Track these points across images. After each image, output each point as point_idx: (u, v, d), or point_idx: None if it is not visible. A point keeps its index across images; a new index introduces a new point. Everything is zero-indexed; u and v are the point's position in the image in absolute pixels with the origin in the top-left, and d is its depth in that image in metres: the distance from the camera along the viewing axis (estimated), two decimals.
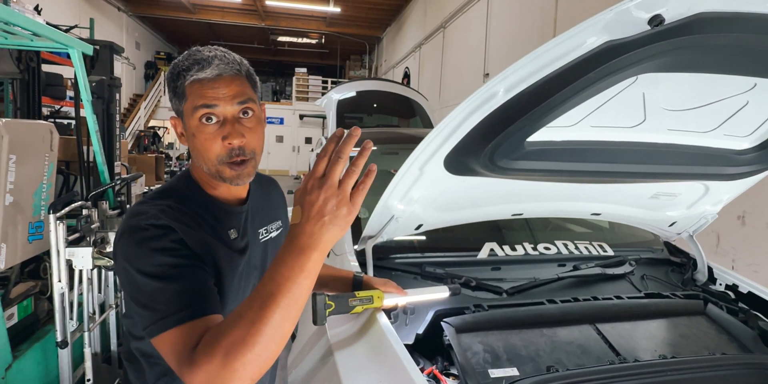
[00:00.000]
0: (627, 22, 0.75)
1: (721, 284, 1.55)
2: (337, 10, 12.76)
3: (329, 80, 16.02)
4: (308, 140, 15.75)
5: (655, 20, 0.72)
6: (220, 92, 0.74)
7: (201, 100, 0.74)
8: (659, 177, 1.23)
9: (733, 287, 1.50)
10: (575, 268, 1.49)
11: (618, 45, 0.77)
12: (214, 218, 0.82)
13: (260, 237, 0.92)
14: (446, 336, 1.11)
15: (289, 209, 1.15)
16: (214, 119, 0.75)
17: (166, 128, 13.31)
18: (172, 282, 0.69)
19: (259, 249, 0.92)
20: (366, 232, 1.35)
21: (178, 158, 11.57)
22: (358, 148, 0.60)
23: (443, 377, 1.03)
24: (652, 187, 1.38)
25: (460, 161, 1.05)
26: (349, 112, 5.08)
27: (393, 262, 1.45)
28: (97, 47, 2.47)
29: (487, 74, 6.97)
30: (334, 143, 0.58)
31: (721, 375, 1.03)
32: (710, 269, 1.58)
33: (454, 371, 1.07)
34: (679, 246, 1.78)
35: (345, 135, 0.58)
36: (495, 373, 1.02)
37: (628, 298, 1.36)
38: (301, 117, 15.06)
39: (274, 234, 0.96)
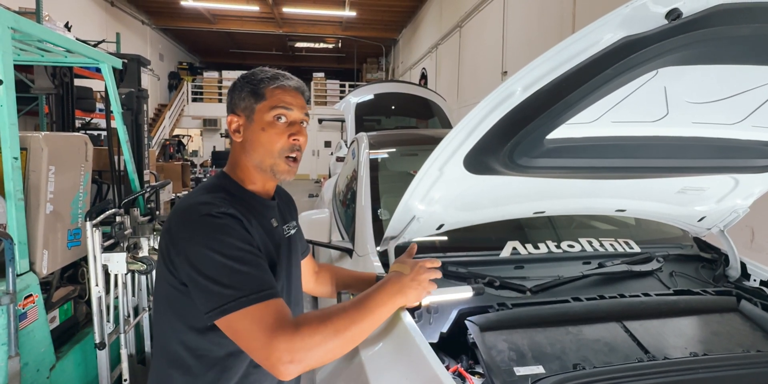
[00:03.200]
0: (644, 17, 0.74)
1: (755, 280, 1.50)
2: (353, 14, 12.86)
3: (347, 84, 16.13)
4: (328, 144, 15.87)
5: (673, 14, 0.72)
6: (296, 101, 0.96)
7: (282, 101, 0.93)
8: (685, 171, 1.21)
9: None
10: (600, 266, 1.47)
11: (635, 40, 0.76)
12: (257, 210, 0.94)
13: (284, 232, 1.04)
14: (470, 334, 1.12)
15: (301, 216, 1.25)
16: (284, 119, 0.94)
17: (190, 136, 13.67)
18: (252, 266, 0.80)
19: (286, 241, 1.03)
20: (388, 233, 1.37)
21: (202, 165, 11.87)
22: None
23: (468, 375, 1.03)
24: (679, 181, 1.35)
25: (479, 160, 1.06)
26: (367, 115, 5.11)
27: None
28: (126, 61, 2.58)
29: (506, 72, 6.90)
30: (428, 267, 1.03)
31: (756, 373, 1.00)
32: (743, 265, 1.53)
33: (479, 369, 1.07)
34: (709, 242, 1.73)
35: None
36: (521, 370, 1.02)
37: (657, 295, 1.33)
38: (320, 121, 15.22)
39: (293, 231, 1.09)
